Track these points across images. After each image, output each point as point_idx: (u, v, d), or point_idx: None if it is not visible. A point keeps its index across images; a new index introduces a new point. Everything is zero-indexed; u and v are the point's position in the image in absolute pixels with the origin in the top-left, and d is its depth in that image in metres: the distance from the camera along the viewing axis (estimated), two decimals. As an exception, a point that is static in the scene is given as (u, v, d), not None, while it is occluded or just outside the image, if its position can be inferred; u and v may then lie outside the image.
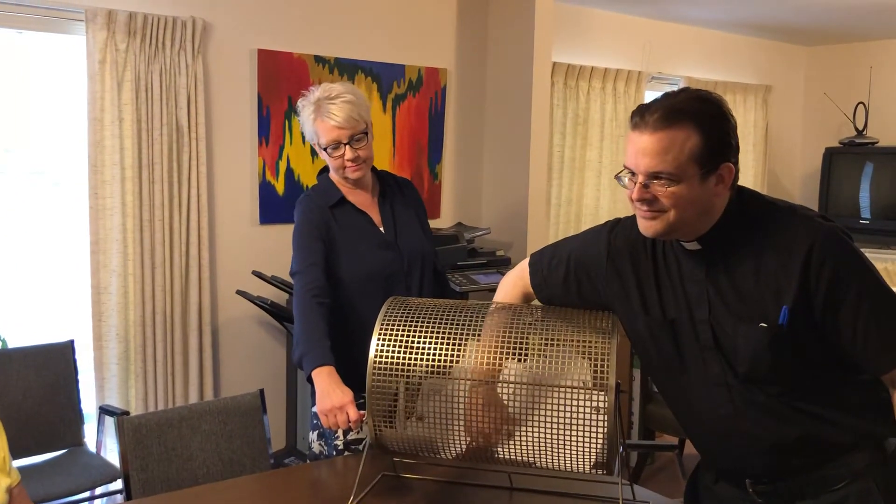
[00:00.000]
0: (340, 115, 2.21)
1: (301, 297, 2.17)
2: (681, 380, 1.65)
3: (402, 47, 4.21)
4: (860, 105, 5.90)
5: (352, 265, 2.26)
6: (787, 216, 1.54)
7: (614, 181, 5.17)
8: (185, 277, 3.55)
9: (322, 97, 2.24)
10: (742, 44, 5.94)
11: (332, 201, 2.30)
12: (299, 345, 2.12)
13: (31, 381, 3.11)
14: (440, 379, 1.77)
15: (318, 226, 2.26)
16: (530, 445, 1.72)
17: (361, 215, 2.32)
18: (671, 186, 1.47)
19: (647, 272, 1.65)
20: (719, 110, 1.49)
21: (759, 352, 1.52)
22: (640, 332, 1.68)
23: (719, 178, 1.49)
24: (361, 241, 2.29)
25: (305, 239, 2.25)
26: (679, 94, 1.52)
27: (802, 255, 1.48)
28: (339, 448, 2.28)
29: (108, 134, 3.31)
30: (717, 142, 1.47)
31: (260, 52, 3.72)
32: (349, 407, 1.97)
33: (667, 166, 1.46)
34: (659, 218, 1.51)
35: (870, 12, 5.00)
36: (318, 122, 2.23)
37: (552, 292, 1.81)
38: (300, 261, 2.23)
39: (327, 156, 2.27)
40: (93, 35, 3.23)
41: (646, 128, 1.47)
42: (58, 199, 3.47)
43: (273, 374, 3.90)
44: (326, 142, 2.24)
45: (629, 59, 5.23)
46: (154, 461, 2.24)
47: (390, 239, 2.33)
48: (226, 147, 3.71)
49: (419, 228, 2.41)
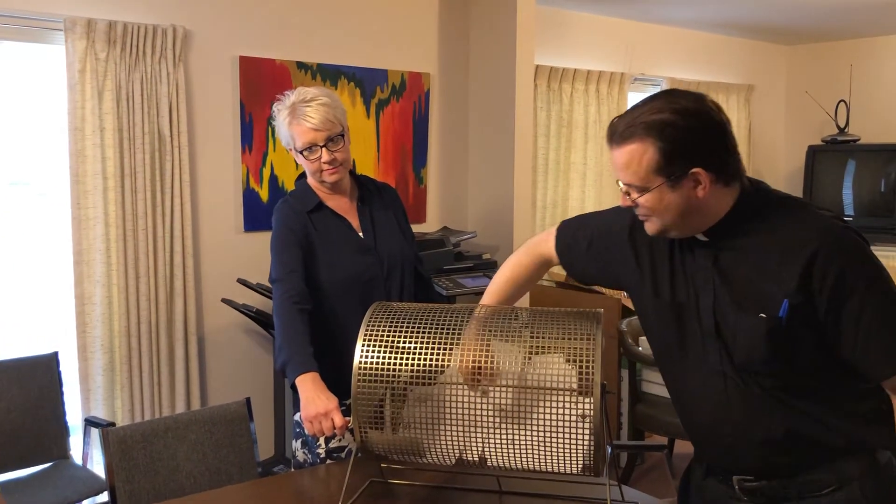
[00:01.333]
0: (316, 117, 2.19)
1: (281, 303, 2.15)
2: (680, 364, 1.67)
3: (385, 52, 4.20)
4: (841, 103, 5.94)
5: (330, 271, 2.25)
6: (799, 212, 1.57)
7: (599, 182, 5.22)
8: (169, 286, 3.53)
9: (297, 101, 2.23)
10: (723, 44, 5.98)
11: (309, 206, 2.28)
12: (282, 352, 2.10)
13: (16, 394, 3.08)
14: (426, 388, 1.76)
15: (295, 231, 2.24)
16: (517, 450, 1.71)
17: (340, 220, 2.31)
18: (642, 195, 1.54)
19: (663, 255, 1.67)
20: (681, 118, 1.48)
21: (755, 342, 1.53)
22: (648, 313, 1.71)
23: (695, 181, 1.51)
24: (340, 246, 2.27)
25: (284, 245, 2.23)
26: (644, 104, 1.54)
27: (809, 253, 1.48)
28: (321, 456, 2.27)
29: (89, 143, 3.29)
30: (678, 150, 1.49)
31: (242, 59, 3.71)
32: (334, 413, 1.96)
33: (631, 178, 1.54)
34: (649, 220, 1.59)
35: (849, 11, 5.04)
36: (294, 125, 2.22)
37: (573, 259, 1.86)
38: (279, 268, 2.21)
39: (304, 159, 2.25)
40: (72, 44, 3.21)
41: (612, 143, 1.55)
42: (41, 210, 3.44)
43: (260, 382, 3.88)
44: (302, 144, 2.22)
45: (612, 61, 5.24)
46: (140, 472, 2.22)
47: (369, 244, 2.32)
48: (209, 155, 3.69)
49: (399, 232, 2.40)
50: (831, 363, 1.54)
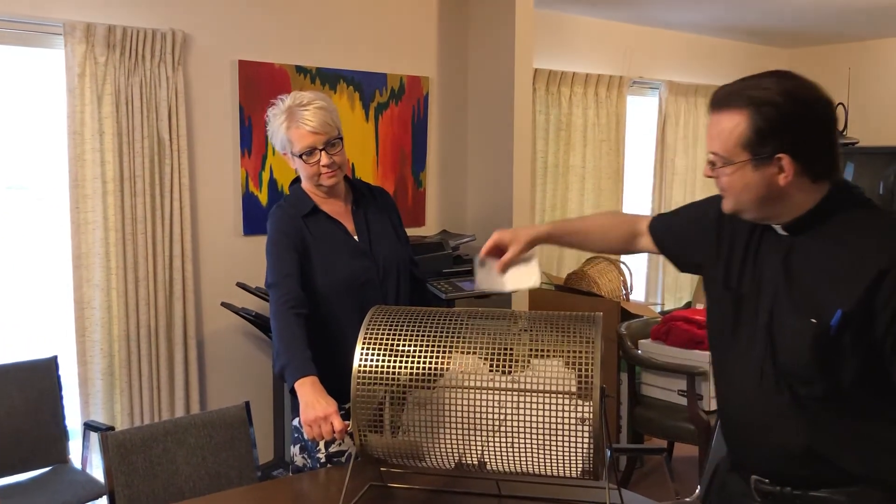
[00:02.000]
0: (314, 120, 2.20)
1: (278, 308, 2.15)
2: (728, 351, 1.67)
3: (384, 56, 4.21)
4: (840, 106, 5.94)
5: (326, 274, 2.25)
6: (881, 224, 1.53)
7: (598, 185, 5.23)
8: (168, 290, 3.53)
9: (293, 105, 2.23)
10: (722, 47, 5.99)
11: (304, 211, 2.28)
12: (280, 356, 2.09)
13: (15, 398, 3.07)
14: (425, 392, 1.76)
15: (291, 236, 2.23)
16: (517, 454, 1.71)
17: (335, 224, 2.31)
18: (724, 167, 1.53)
19: (740, 245, 1.66)
20: (784, 100, 1.46)
21: (800, 345, 1.50)
22: (712, 295, 1.73)
23: (779, 168, 1.48)
24: (335, 250, 2.27)
25: (279, 250, 2.23)
26: (756, 77, 1.52)
27: (879, 269, 1.43)
28: (321, 461, 2.26)
29: (88, 148, 3.30)
30: (771, 131, 1.46)
31: (241, 63, 3.71)
32: (333, 417, 1.96)
33: (718, 148, 1.53)
34: (726, 196, 1.58)
35: (847, 14, 5.05)
36: (293, 129, 2.21)
37: (663, 233, 1.91)
38: (275, 273, 2.21)
39: (301, 163, 2.25)
40: (71, 49, 3.21)
41: (711, 109, 1.55)
42: (40, 214, 3.44)
43: (259, 386, 3.88)
44: (301, 148, 2.22)
45: (610, 65, 5.25)
46: (139, 476, 2.22)
47: (364, 247, 2.32)
48: (208, 159, 3.69)
49: (394, 235, 2.40)
50: (872, 384, 1.50)
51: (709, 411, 3.63)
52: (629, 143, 5.38)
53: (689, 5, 4.82)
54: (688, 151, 5.76)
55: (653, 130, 5.60)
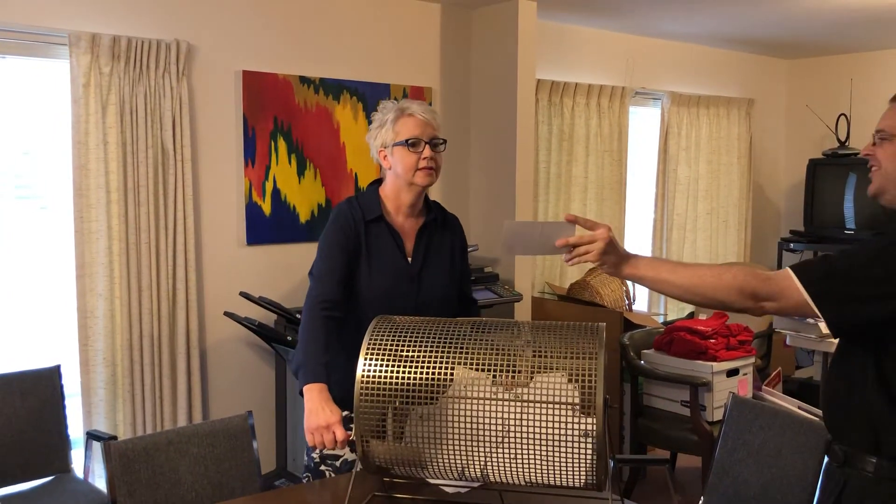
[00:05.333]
0: (425, 114, 2.25)
1: (312, 305, 2.18)
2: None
3: (387, 67, 4.23)
4: (842, 116, 5.96)
5: (367, 284, 2.25)
6: None
7: (600, 196, 5.23)
8: (172, 300, 3.53)
9: (404, 104, 2.27)
10: (724, 58, 6.00)
11: (370, 216, 2.28)
12: (297, 355, 2.13)
13: (18, 407, 3.07)
14: (428, 406, 1.76)
15: (348, 236, 2.24)
16: (520, 464, 1.71)
17: (393, 239, 2.29)
18: (885, 142, 1.70)
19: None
20: None
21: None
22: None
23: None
24: (383, 264, 2.26)
25: (331, 245, 2.24)
26: None
27: None
28: (315, 461, 2.27)
29: (92, 157, 3.31)
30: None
31: (245, 74, 3.73)
32: (336, 426, 1.96)
33: (885, 124, 1.74)
34: (875, 174, 1.72)
35: (849, 25, 5.06)
36: (401, 119, 2.23)
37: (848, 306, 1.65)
38: (320, 267, 2.24)
39: (404, 153, 2.23)
40: (76, 59, 3.23)
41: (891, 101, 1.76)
42: (44, 223, 3.45)
43: (262, 396, 3.88)
44: (408, 134, 2.22)
45: (613, 75, 5.27)
46: (142, 486, 2.22)
47: (414, 272, 2.29)
48: (212, 169, 3.71)
49: (448, 270, 2.36)
50: None
51: (712, 422, 3.63)
52: (631, 154, 5.39)
53: (692, 16, 4.84)
54: (690, 162, 5.77)
55: (655, 141, 5.61)
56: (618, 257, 1.81)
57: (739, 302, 1.70)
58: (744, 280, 1.68)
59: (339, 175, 4.07)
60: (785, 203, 6.61)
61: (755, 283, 1.67)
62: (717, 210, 5.99)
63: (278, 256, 3.91)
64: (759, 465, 2.47)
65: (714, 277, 1.72)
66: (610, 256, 1.80)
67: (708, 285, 1.72)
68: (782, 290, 1.65)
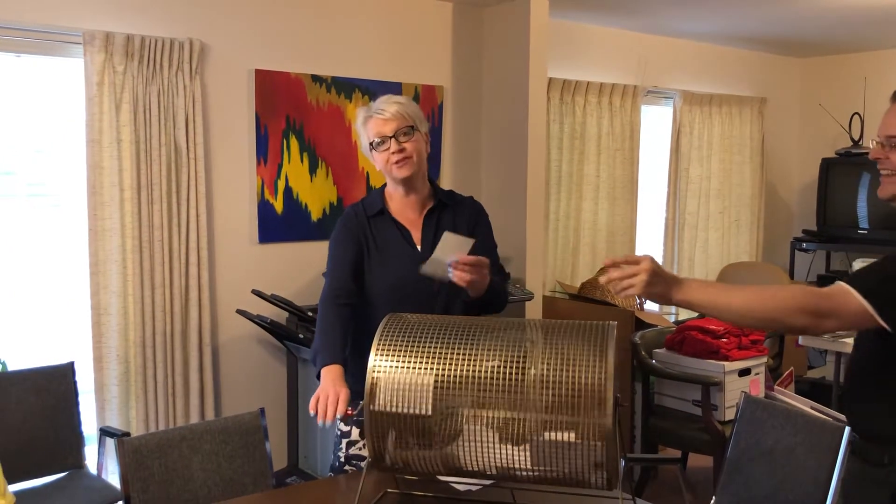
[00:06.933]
0: (388, 109, 2.25)
1: (325, 296, 2.25)
2: None
3: (399, 66, 4.23)
4: (855, 115, 5.92)
5: (375, 277, 2.28)
6: None
7: (612, 195, 5.22)
8: (184, 297, 3.55)
9: (369, 106, 2.29)
10: (736, 56, 5.97)
11: (371, 211, 2.32)
12: (315, 343, 2.19)
13: (32, 404, 3.10)
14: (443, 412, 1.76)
15: (353, 231, 2.30)
16: (533, 466, 1.71)
17: (399, 229, 2.31)
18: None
19: None
20: None
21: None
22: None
23: None
24: (391, 255, 2.29)
25: (338, 242, 2.31)
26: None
27: None
28: (340, 460, 2.29)
29: (106, 155, 3.33)
30: None
31: (257, 73, 3.74)
32: (342, 398, 1.99)
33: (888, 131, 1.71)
34: (890, 179, 1.71)
35: (862, 24, 5.03)
36: (368, 123, 2.26)
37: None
38: (330, 262, 2.31)
39: (377, 153, 2.27)
40: (90, 57, 3.25)
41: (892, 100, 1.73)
42: (58, 221, 3.47)
43: (274, 393, 3.89)
44: (373, 136, 2.25)
45: (624, 74, 5.25)
46: (155, 482, 2.23)
47: (424, 257, 2.27)
48: (224, 167, 3.72)
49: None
50: None
51: (723, 421, 3.62)
52: (643, 153, 5.37)
53: (704, 15, 4.82)
54: (702, 161, 5.74)
55: (667, 140, 5.59)
56: (665, 286, 1.73)
57: (801, 321, 1.66)
58: (803, 298, 1.64)
59: (350, 173, 4.08)
60: (797, 202, 6.58)
61: (815, 301, 1.64)
62: (729, 209, 5.97)
63: (290, 254, 3.93)
64: (771, 464, 2.47)
65: (772, 299, 1.68)
66: (656, 287, 1.72)
67: (768, 308, 1.68)
68: (840, 305, 1.63)
